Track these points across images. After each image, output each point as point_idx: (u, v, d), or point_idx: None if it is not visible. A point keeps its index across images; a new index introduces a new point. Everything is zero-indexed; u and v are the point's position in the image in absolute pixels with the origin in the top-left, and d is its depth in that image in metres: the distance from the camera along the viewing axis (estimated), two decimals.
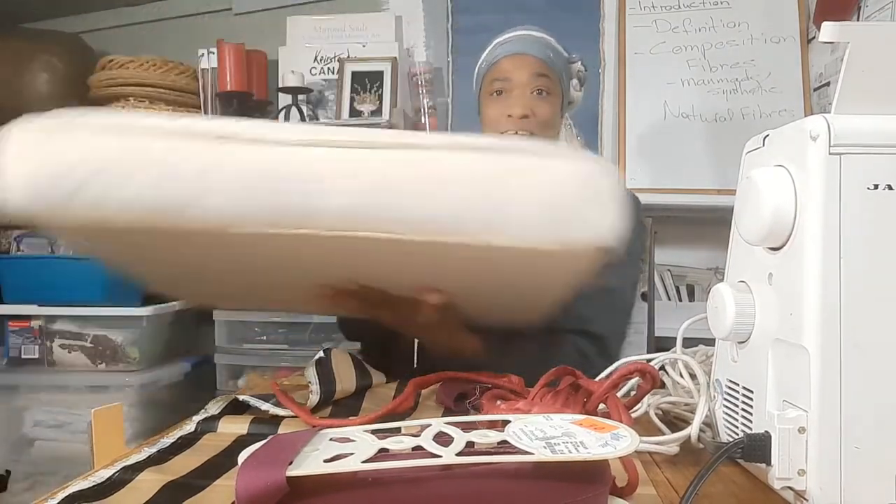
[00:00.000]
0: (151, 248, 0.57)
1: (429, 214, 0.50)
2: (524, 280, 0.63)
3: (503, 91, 1.04)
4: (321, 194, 0.48)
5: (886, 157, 0.41)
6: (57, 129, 0.50)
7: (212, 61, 1.80)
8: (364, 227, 0.49)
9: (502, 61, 1.04)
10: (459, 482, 0.35)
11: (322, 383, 0.65)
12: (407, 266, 0.59)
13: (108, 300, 1.56)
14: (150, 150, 0.48)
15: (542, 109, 1.03)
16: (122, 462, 0.50)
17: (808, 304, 0.41)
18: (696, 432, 0.50)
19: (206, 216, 0.48)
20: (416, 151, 0.51)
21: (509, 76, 1.03)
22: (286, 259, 0.58)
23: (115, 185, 0.47)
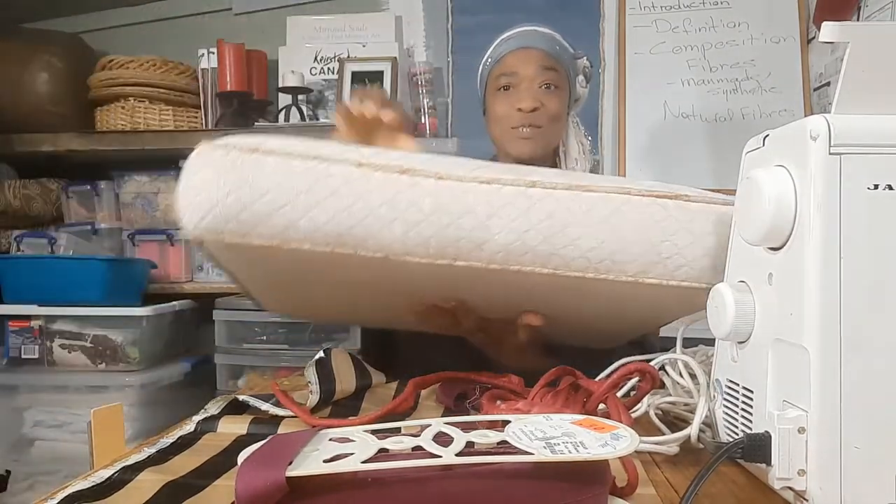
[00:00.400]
0: (306, 271, 0.58)
1: (586, 253, 0.53)
2: (642, 309, 0.65)
3: (510, 86, 1.02)
4: (492, 230, 0.51)
5: (886, 157, 0.41)
6: (248, 152, 0.51)
7: (212, 61, 1.80)
8: (523, 262, 0.53)
9: (508, 56, 1.03)
10: (459, 482, 0.35)
11: (322, 383, 0.65)
12: (524, 291, 0.60)
13: (108, 300, 1.56)
14: (338, 178, 0.51)
15: (551, 103, 1.02)
16: (121, 462, 0.50)
17: (808, 304, 0.41)
18: (696, 432, 0.50)
19: (386, 245, 0.51)
20: (585, 193, 0.54)
21: (516, 70, 1.02)
22: (417, 280, 0.59)
23: (306, 212, 0.50)
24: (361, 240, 0.51)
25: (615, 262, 0.53)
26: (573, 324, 0.71)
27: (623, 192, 0.54)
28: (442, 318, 0.68)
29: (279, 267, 0.59)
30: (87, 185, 1.83)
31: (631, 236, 0.53)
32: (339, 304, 0.71)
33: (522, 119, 1.01)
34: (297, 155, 0.51)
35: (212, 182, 0.50)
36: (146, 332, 1.60)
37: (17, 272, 1.60)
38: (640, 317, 0.68)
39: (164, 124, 1.76)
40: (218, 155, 0.51)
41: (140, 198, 1.82)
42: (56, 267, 1.59)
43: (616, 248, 0.53)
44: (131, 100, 1.74)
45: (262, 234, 0.51)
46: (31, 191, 1.82)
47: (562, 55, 1.04)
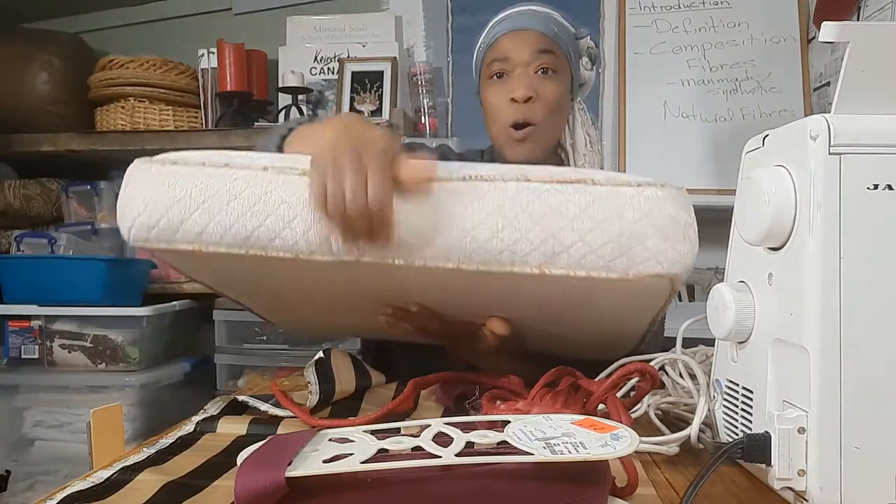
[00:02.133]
0: (252, 274, 0.60)
1: (484, 244, 0.51)
2: (592, 311, 0.62)
3: (503, 73, 0.94)
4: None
5: (886, 157, 0.41)
6: (168, 164, 0.55)
7: (212, 61, 1.80)
8: (424, 255, 0.52)
9: (501, 39, 0.94)
10: (459, 483, 0.35)
11: (321, 384, 0.65)
12: (470, 295, 0.60)
13: (108, 300, 1.56)
14: (241, 181, 0.53)
15: (548, 90, 0.93)
16: (121, 462, 0.50)
17: (808, 304, 0.41)
18: (696, 432, 0.50)
19: (290, 245, 0.52)
20: (481, 183, 0.52)
21: (509, 55, 0.93)
22: (361, 284, 0.59)
23: (213, 216, 0.53)
24: (268, 240, 0.52)
25: (515, 252, 0.51)
26: (541, 331, 0.70)
27: (520, 178, 0.52)
28: (407, 323, 0.67)
29: (230, 273, 0.62)
30: (87, 185, 1.83)
31: (528, 224, 0.50)
32: (318, 311, 0.72)
33: (516, 112, 0.92)
34: (209, 164, 0.54)
35: (136, 194, 0.55)
36: (146, 332, 1.60)
37: (17, 272, 1.60)
38: (599, 320, 0.66)
39: (164, 124, 1.76)
40: (143, 168, 0.55)
41: None
42: (56, 267, 1.59)
43: (515, 238, 0.50)
44: (131, 100, 1.74)
45: (182, 240, 0.54)
46: (31, 191, 1.82)
47: (561, 36, 0.95)
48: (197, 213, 0.53)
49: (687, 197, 0.53)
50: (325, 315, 0.73)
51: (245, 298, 0.75)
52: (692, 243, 0.51)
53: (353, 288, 0.61)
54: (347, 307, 0.70)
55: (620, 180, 0.52)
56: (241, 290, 0.72)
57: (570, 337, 0.72)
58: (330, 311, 0.70)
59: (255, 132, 1.64)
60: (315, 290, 0.64)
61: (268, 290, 0.69)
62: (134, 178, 0.55)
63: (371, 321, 0.70)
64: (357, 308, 0.69)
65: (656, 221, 0.50)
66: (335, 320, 0.75)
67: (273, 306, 0.77)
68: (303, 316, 0.78)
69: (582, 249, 0.50)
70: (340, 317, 0.72)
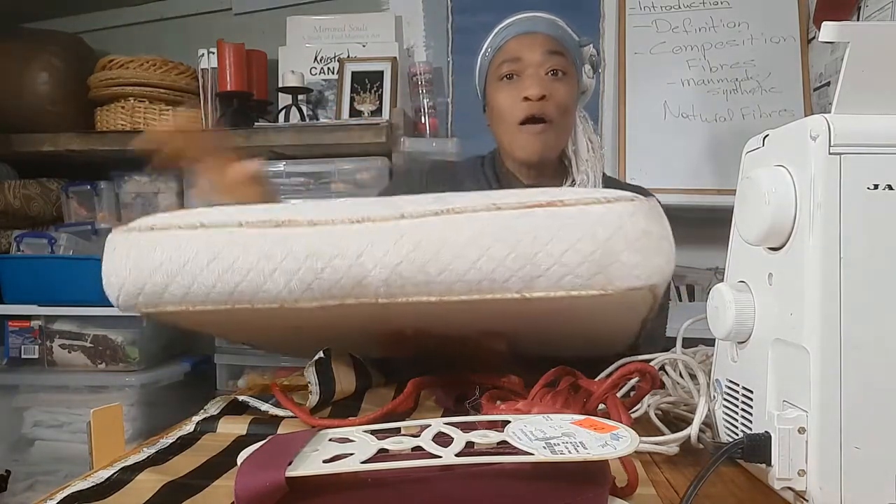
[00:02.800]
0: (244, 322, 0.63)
1: (463, 276, 0.52)
2: (580, 322, 0.63)
3: (514, 74, 0.94)
4: (367, 266, 0.52)
5: (886, 157, 0.41)
6: (145, 230, 0.57)
7: (212, 61, 1.79)
8: (406, 293, 0.53)
9: (511, 42, 0.95)
10: (459, 483, 0.35)
11: (321, 384, 0.65)
12: (461, 317, 0.61)
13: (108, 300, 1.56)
14: (219, 241, 0.55)
15: (559, 92, 0.93)
16: (121, 462, 0.50)
17: (808, 304, 0.41)
18: (696, 433, 0.50)
19: (273, 296, 0.54)
20: (454, 216, 0.53)
21: (520, 55, 0.94)
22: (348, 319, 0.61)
23: (195, 277, 0.55)
24: (252, 294, 0.54)
25: (494, 280, 0.52)
26: (536, 337, 0.71)
27: (491, 208, 0.53)
28: (407, 344, 0.68)
29: (224, 323, 0.64)
30: (87, 185, 1.83)
31: (503, 252, 0.51)
32: (315, 339, 0.74)
33: (529, 109, 0.92)
34: (184, 226, 0.56)
35: (119, 262, 0.57)
36: (146, 332, 1.60)
37: (17, 272, 1.60)
38: (589, 328, 0.67)
39: None
40: (122, 237, 0.57)
41: (140, 198, 1.82)
42: (56, 267, 1.59)
43: (492, 267, 0.51)
44: (131, 100, 1.74)
45: (169, 302, 0.56)
46: (31, 191, 1.82)
47: (568, 41, 0.97)
48: (179, 276, 0.54)
49: (659, 209, 0.54)
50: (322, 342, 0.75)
51: (249, 340, 0.79)
52: (667, 255, 0.52)
53: (344, 321, 0.62)
54: (343, 335, 0.72)
55: (590, 198, 0.52)
56: (242, 335, 0.75)
57: (564, 342, 0.73)
58: (325, 339, 0.73)
59: (254, 132, 1.64)
60: (307, 326, 0.66)
61: (267, 331, 0.71)
62: (115, 247, 0.58)
63: (369, 343, 0.72)
64: (354, 336, 0.72)
65: (629, 237, 0.51)
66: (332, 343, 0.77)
67: (277, 343, 0.80)
68: (302, 345, 0.81)
69: (559, 271, 0.51)
70: (336, 342, 0.74)
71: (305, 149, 1.66)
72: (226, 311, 0.56)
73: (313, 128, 1.66)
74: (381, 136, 1.58)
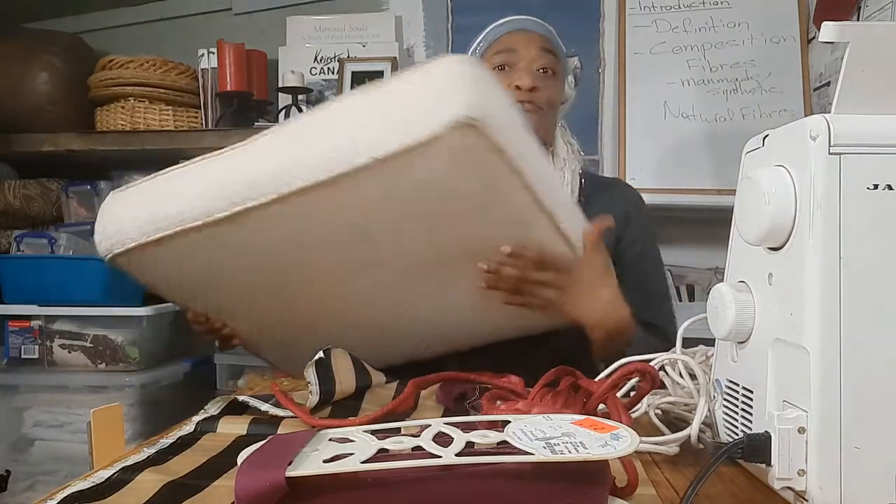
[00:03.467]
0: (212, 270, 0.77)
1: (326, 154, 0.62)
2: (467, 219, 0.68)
3: (507, 65, 0.95)
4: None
5: (886, 157, 0.41)
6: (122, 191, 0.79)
7: (212, 61, 1.79)
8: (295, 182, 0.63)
9: (505, 37, 0.97)
10: (459, 483, 0.35)
11: (321, 384, 0.65)
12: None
13: (108, 300, 1.56)
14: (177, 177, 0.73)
15: (550, 87, 0.95)
16: (121, 462, 0.50)
17: (808, 304, 0.41)
18: (696, 432, 0.50)
19: (207, 210, 0.67)
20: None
21: (516, 48, 0.95)
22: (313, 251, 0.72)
23: (155, 208, 0.70)
24: (204, 211, 0.67)
25: (342, 153, 0.61)
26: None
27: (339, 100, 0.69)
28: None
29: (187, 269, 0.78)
30: (87, 185, 1.83)
31: (351, 131, 0.62)
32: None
33: (519, 97, 0.92)
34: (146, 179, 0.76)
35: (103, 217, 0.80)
36: (146, 332, 1.60)
37: (17, 272, 1.60)
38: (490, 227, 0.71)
39: (164, 124, 1.76)
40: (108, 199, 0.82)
41: None
42: (56, 267, 1.59)
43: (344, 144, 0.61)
44: (131, 100, 1.74)
45: (150, 240, 0.72)
46: (31, 191, 1.82)
47: (558, 47, 0.99)
48: (142, 209, 0.72)
49: (472, 60, 0.63)
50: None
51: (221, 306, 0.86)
52: (483, 92, 0.58)
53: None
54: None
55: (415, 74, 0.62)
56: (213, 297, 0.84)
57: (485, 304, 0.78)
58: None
59: (254, 132, 1.64)
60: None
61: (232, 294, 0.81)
62: (102, 209, 0.78)
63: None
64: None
65: (440, 79, 0.59)
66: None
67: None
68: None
69: (390, 128, 0.59)
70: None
71: None
72: (200, 241, 0.68)
73: None
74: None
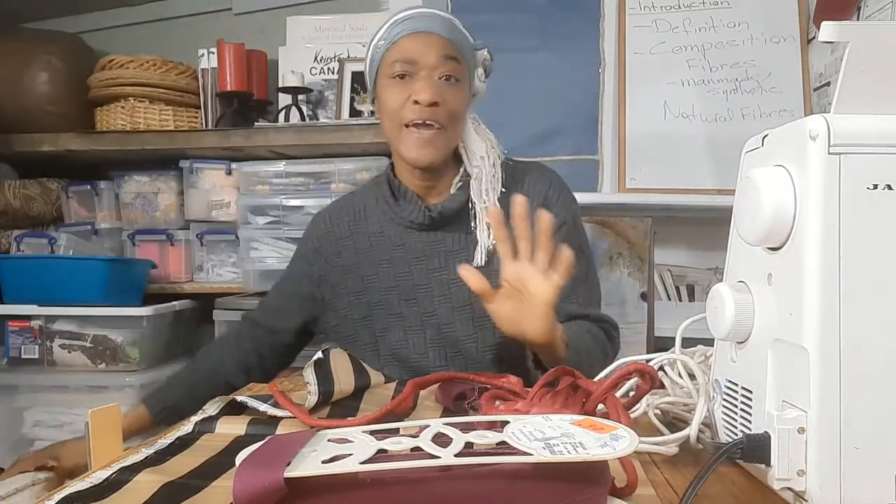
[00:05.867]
0: None
1: None
2: None
3: (406, 74, 0.91)
4: None
5: (886, 157, 0.41)
6: None
7: (212, 61, 1.79)
8: None
9: (405, 40, 0.93)
10: (458, 483, 0.35)
11: (320, 384, 0.65)
12: None
13: (108, 300, 1.56)
14: None
15: (453, 98, 0.91)
16: (119, 463, 0.50)
17: (808, 304, 0.41)
18: (696, 433, 0.50)
19: None
20: None
21: (414, 57, 0.90)
22: None
23: None
24: None
25: None
26: None
27: None
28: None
29: None
30: (87, 185, 1.83)
31: None
32: None
33: (419, 113, 0.89)
34: None
35: None
36: (146, 332, 1.60)
37: (17, 272, 1.60)
38: None
39: (164, 124, 1.76)
40: None
41: (140, 198, 1.82)
42: (56, 267, 1.59)
43: None
44: (131, 100, 1.74)
45: None
46: (31, 191, 1.82)
47: (463, 44, 0.95)
48: None
49: None
50: None
51: None
52: None
53: None
54: None
55: None
56: None
57: None
58: None
59: (255, 132, 1.64)
60: None
61: None
62: None
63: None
64: None
65: None
66: None
67: None
68: None
69: None
70: None
71: (305, 149, 1.65)
72: None
73: (313, 128, 1.66)
74: (382, 136, 1.57)
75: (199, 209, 1.78)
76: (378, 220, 1.00)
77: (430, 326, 0.94)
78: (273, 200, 1.67)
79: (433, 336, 0.94)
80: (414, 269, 0.96)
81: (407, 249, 0.96)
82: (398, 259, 0.97)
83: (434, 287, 0.95)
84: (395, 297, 0.96)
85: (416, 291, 0.95)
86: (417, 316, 0.95)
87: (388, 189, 1.00)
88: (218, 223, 1.78)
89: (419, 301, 0.95)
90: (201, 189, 1.78)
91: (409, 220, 0.96)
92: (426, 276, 0.95)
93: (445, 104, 0.90)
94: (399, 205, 0.98)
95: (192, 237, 1.78)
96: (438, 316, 0.94)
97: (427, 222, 0.95)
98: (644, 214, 1.64)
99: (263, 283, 1.68)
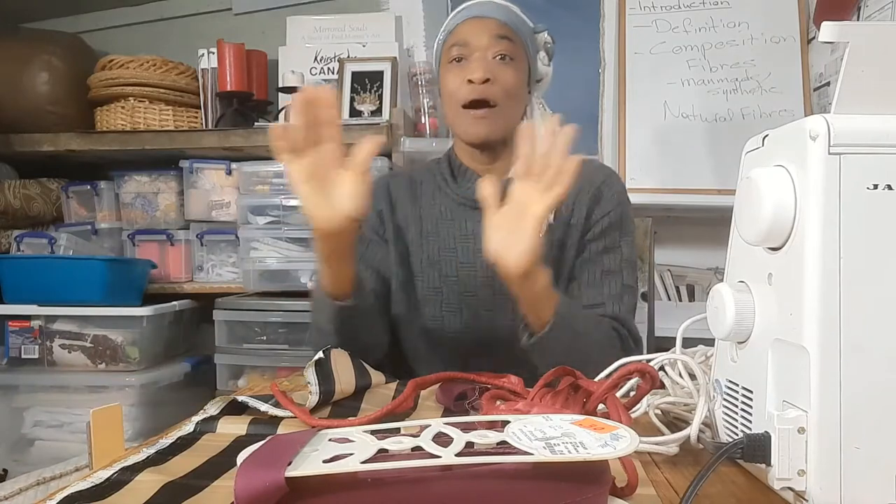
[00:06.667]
0: None
1: None
2: None
3: (462, 57, 0.95)
4: None
5: (886, 157, 0.41)
6: None
7: (212, 61, 1.79)
8: None
9: (460, 26, 0.97)
10: (459, 483, 0.35)
11: (321, 384, 0.65)
12: None
13: (108, 300, 1.56)
14: None
15: (506, 75, 0.93)
16: (120, 463, 0.50)
17: (808, 304, 0.41)
18: (696, 433, 0.50)
19: None
20: None
21: (468, 40, 0.94)
22: None
23: None
24: None
25: None
26: None
27: None
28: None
29: None
30: (87, 185, 1.83)
31: None
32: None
33: (472, 91, 0.92)
34: None
35: None
36: (146, 332, 1.60)
37: (17, 272, 1.60)
38: None
39: (164, 124, 1.76)
40: None
41: (140, 198, 1.82)
42: (56, 267, 1.59)
43: None
44: (131, 100, 1.74)
45: None
46: (31, 191, 1.82)
47: (519, 27, 0.97)
48: None
49: None
50: None
51: None
52: None
53: None
54: None
55: None
56: None
57: None
58: None
59: (254, 132, 1.64)
60: None
61: None
62: None
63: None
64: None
65: None
66: None
67: None
68: None
69: None
70: None
71: None
72: None
73: None
74: (381, 136, 1.58)
75: (199, 209, 1.79)
76: (432, 193, 1.02)
77: (468, 307, 0.95)
78: (273, 200, 1.67)
79: (469, 318, 0.95)
80: (460, 246, 0.97)
81: (457, 226, 0.98)
82: (445, 233, 0.98)
83: (479, 268, 0.95)
84: (436, 272, 0.97)
85: (460, 269, 0.96)
86: (456, 294, 0.95)
87: (447, 167, 1.03)
88: (218, 223, 1.78)
89: (461, 280, 0.96)
90: (201, 189, 1.78)
91: (465, 196, 0.98)
92: (472, 255, 0.96)
93: (498, 81, 0.93)
94: (457, 182, 1.00)
95: (192, 237, 1.78)
96: (479, 297, 0.95)
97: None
98: (644, 214, 1.64)
99: (263, 283, 1.68)
